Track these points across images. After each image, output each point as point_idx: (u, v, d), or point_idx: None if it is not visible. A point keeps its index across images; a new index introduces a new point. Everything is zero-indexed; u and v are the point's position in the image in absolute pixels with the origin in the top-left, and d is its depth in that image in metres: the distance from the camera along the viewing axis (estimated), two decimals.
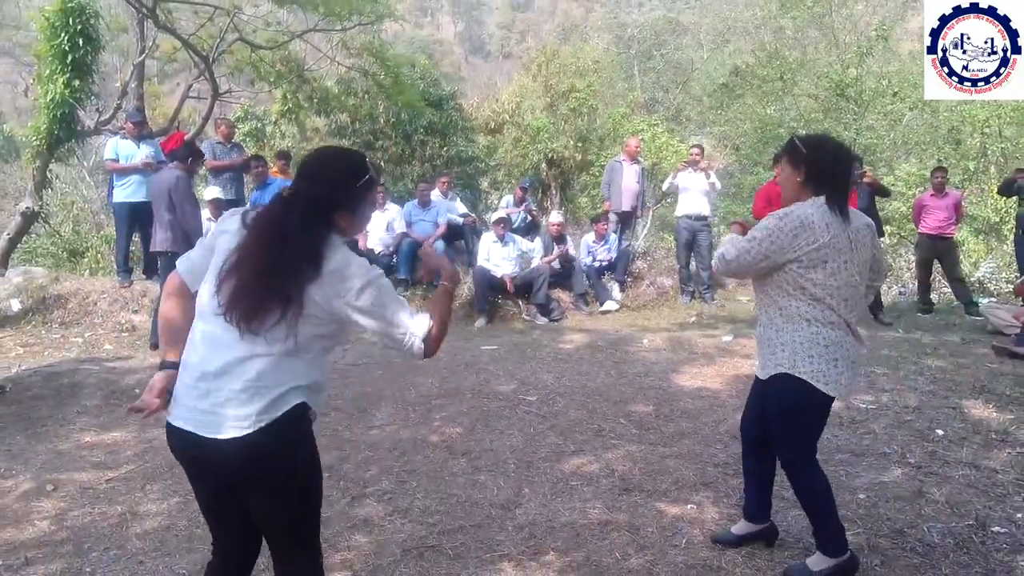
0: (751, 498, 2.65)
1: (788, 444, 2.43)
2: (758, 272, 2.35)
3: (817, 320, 2.28)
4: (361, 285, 1.60)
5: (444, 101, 13.94)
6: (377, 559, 2.63)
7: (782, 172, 2.40)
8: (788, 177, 2.36)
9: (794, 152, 2.36)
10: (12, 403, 4.30)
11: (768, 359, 2.37)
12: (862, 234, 2.35)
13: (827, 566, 2.34)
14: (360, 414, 4.20)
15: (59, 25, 7.54)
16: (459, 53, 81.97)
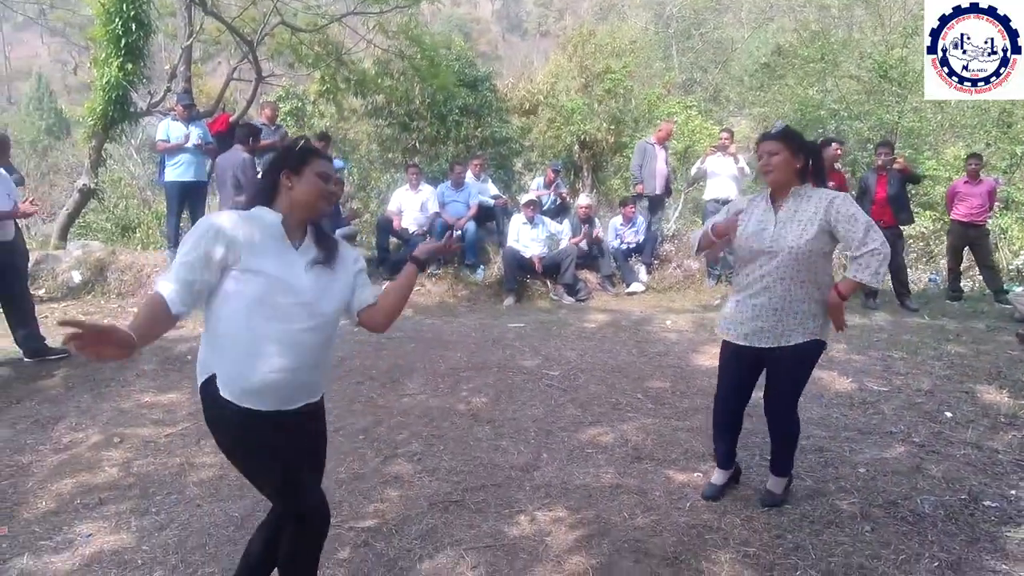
0: (727, 449, 3.01)
1: (795, 398, 2.84)
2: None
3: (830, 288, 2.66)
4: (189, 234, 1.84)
5: (479, 82, 14.08)
6: (406, 511, 2.92)
7: (777, 155, 2.60)
8: (787, 161, 2.60)
9: (796, 141, 2.61)
10: (78, 366, 4.70)
11: (796, 328, 2.66)
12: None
13: (784, 483, 2.95)
14: (393, 384, 4.50)
15: (113, 11, 7.90)
16: (496, 31, 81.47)
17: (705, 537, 2.70)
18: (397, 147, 14.12)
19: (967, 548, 2.59)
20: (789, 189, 2.65)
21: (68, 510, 2.92)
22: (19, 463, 3.34)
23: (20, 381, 4.45)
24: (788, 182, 2.63)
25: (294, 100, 15.03)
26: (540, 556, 2.57)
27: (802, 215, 2.61)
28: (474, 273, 7.46)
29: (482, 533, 2.74)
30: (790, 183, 2.63)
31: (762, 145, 2.67)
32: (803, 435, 3.61)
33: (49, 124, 33.03)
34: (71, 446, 3.55)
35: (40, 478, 3.19)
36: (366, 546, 2.63)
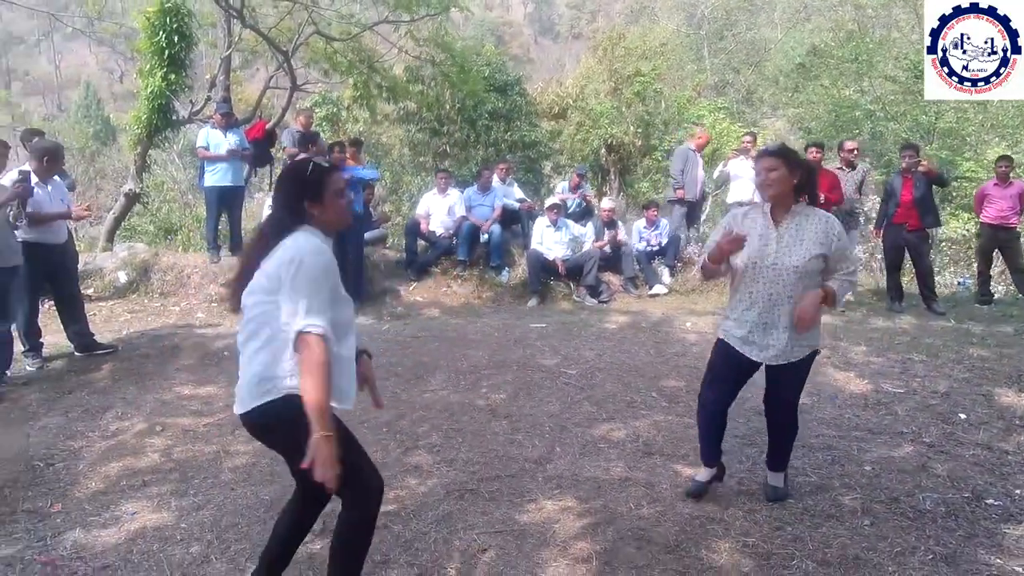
0: (714, 447, 3.07)
1: (797, 403, 2.98)
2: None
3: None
4: (291, 257, 1.89)
5: (509, 87, 14.29)
6: (424, 498, 3.10)
7: (776, 171, 2.67)
8: (784, 177, 2.68)
9: (793, 158, 2.71)
10: (124, 360, 5.01)
11: (803, 342, 2.78)
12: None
13: (784, 477, 3.08)
14: (416, 380, 4.69)
15: (158, 24, 8.29)
16: (528, 34, 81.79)
17: (707, 527, 2.82)
18: (428, 151, 14.41)
19: (964, 543, 2.66)
20: (787, 205, 2.73)
21: (115, 491, 3.17)
22: (71, 448, 3.61)
23: (72, 374, 4.77)
24: (786, 198, 2.71)
25: (329, 106, 15.44)
26: (547, 541, 2.72)
27: (804, 234, 2.68)
28: (499, 275, 7.64)
29: (494, 519, 2.90)
30: (788, 199, 2.71)
31: (760, 161, 2.75)
32: (813, 433, 3.72)
33: (96, 130, 34.24)
34: (117, 433, 3.81)
35: (90, 461, 3.46)
36: (385, 528, 2.81)
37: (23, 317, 4.82)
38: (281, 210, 2.03)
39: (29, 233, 4.69)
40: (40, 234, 4.77)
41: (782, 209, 2.74)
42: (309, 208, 2.00)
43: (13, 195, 4.40)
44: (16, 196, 4.42)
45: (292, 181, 2.06)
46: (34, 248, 4.73)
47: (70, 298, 5.15)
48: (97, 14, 18.43)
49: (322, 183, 2.02)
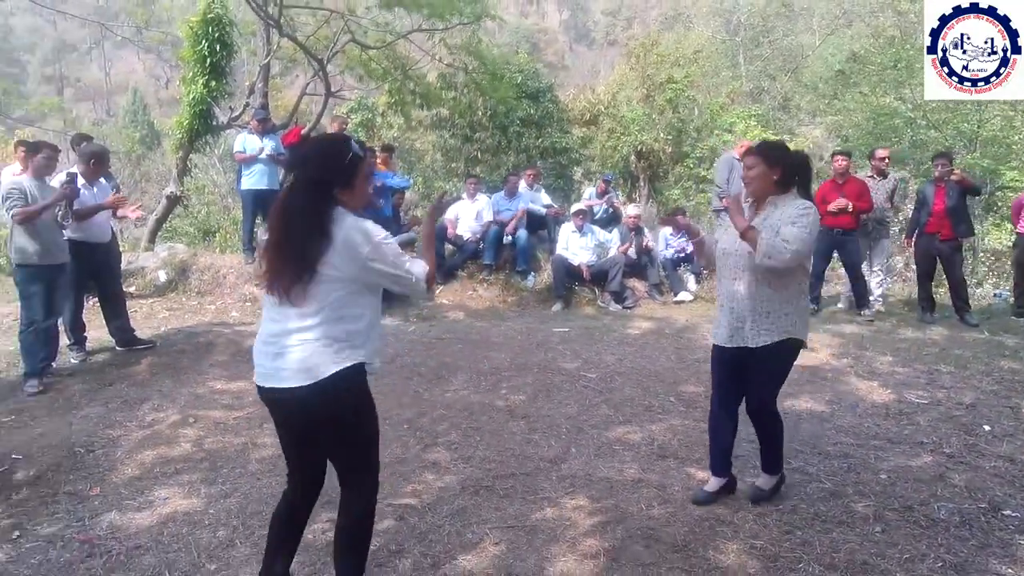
0: (719, 454, 3.09)
1: (771, 395, 2.97)
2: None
3: (804, 292, 2.90)
4: (371, 246, 1.99)
5: (541, 94, 14.42)
6: (440, 493, 3.20)
7: (755, 168, 2.81)
8: (763, 174, 2.82)
9: (773, 155, 2.82)
10: (162, 355, 5.23)
11: (771, 327, 2.82)
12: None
13: (774, 481, 3.08)
14: (439, 380, 4.80)
15: (201, 33, 8.62)
16: (563, 41, 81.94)
17: (716, 529, 2.86)
18: (460, 157, 14.60)
19: (976, 552, 2.65)
20: (767, 199, 2.85)
21: (149, 477, 3.34)
22: (110, 436, 3.81)
23: (112, 367, 5.00)
24: (765, 192, 2.85)
25: (364, 112, 15.77)
26: (558, 537, 2.79)
27: (772, 221, 2.78)
28: (525, 279, 7.72)
29: (507, 515, 2.98)
30: (767, 193, 2.84)
31: (745, 159, 2.89)
32: (830, 441, 3.72)
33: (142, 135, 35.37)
34: (153, 424, 4.00)
35: (127, 449, 3.64)
36: (402, 520, 2.92)
37: (69, 313, 5.07)
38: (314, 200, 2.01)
39: (76, 232, 4.94)
40: (86, 233, 5.02)
41: (762, 202, 2.88)
42: (339, 195, 2.05)
43: (61, 196, 4.64)
44: (63, 197, 4.66)
45: (326, 168, 2.04)
46: (80, 246, 4.98)
47: (113, 295, 5.40)
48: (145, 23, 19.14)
49: (356, 172, 2.07)
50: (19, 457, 3.51)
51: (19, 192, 4.52)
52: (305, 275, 1.96)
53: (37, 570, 2.56)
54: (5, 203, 4.54)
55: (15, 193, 4.51)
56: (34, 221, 4.52)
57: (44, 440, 3.72)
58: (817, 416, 4.15)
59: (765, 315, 2.81)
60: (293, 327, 2.01)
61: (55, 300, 4.76)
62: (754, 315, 2.83)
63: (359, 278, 2.02)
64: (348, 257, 1.97)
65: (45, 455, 3.54)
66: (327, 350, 2.00)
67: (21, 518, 2.94)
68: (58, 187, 4.71)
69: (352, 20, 10.28)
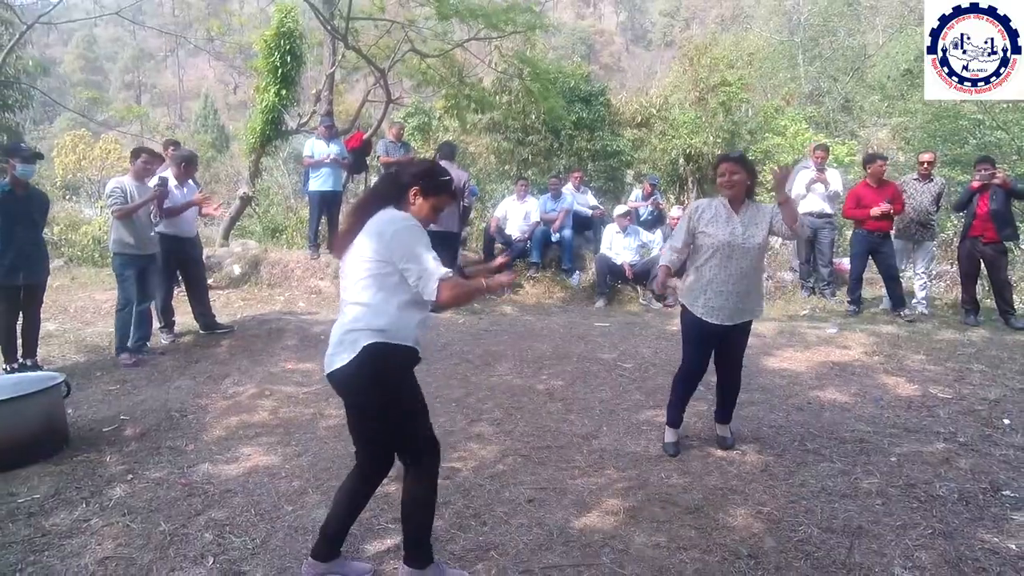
0: (682, 411, 3.74)
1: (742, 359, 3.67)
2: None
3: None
4: (397, 228, 2.19)
5: (593, 97, 14.73)
6: (483, 459, 3.61)
7: (738, 174, 3.33)
8: (742, 180, 3.35)
9: (749, 164, 3.43)
10: (239, 339, 5.84)
11: (751, 307, 3.48)
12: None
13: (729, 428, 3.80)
14: (485, 366, 5.23)
15: (273, 46, 9.34)
16: (620, 43, 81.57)
17: (728, 496, 3.18)
18: (512, 160, 15.03)
19: (967, 524, 2.88)
20: (742, 199, 3.40)
21: (233, 438, 3.88)
22: (199, 404, 4.38)
23: (198, 347, 5.63)
24: (742, 195, 3.40)
25: (421, 116, 16.39)
26: (583, 498, 3.16)
27: (759, 219, 3.39)
28: (570, 277, 8.09)
29: (540, 479, 3.37)
30: (743, 196, 3.40)
31: (724, 165, 3.38)
32: (847, 428, 3.98)
33: (213, 139, 37.24)
34: (234, 396, 4.56)
35: (214, 415, 4.20)
36: (448, 479, 3.34)
37: (160, 299, 5.73)
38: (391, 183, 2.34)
39: (168, 227, 5.59)
40: (176, 228, 5.67)
41: (738, 203, 3.40)
42: (412, 196, 2.31)
43: (152, 196, 5.28)
44: (155, 197, 5.29)
45: (420, 174, 2.33)
46: (170, 240, 5.64)
47: (197, 284, 6.05)
48: (218, 32, 20.33)
49: (438, 192, 2.34)
50: (126, 418, 4.12)
51: (120, 192, 5.18)
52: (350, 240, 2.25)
53: (150, 504, 3.10)
54: (108, 200, 5.22)
55: (117, 192, 5.17)
56: (131, 217, 5.17)
57: (145, 405, 4.33)
58: (839, 406, 4.38)
59: (757, 295, 3.48)
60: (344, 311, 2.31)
61: (148, 286, 5.41)
62: (752, 296, 3.45)
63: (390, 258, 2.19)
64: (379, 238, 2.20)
65: (147, 417, 4.13)
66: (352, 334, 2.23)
67: (133, 465, 3.50)
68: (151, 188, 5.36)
69: (411, 30, 10.86)
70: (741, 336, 3.55)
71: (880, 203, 6.74)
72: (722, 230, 3.37)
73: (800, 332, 6.32)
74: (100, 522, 2.94)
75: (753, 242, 3.36)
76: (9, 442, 3.38)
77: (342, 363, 2.23)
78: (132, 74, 68.99)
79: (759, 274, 3.46)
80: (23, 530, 2.87)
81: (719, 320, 3.43)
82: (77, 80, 62.63)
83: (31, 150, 4.90)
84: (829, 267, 7.82)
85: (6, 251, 4.69)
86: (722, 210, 3.41)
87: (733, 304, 3.40)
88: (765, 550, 2.70)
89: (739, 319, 3.46)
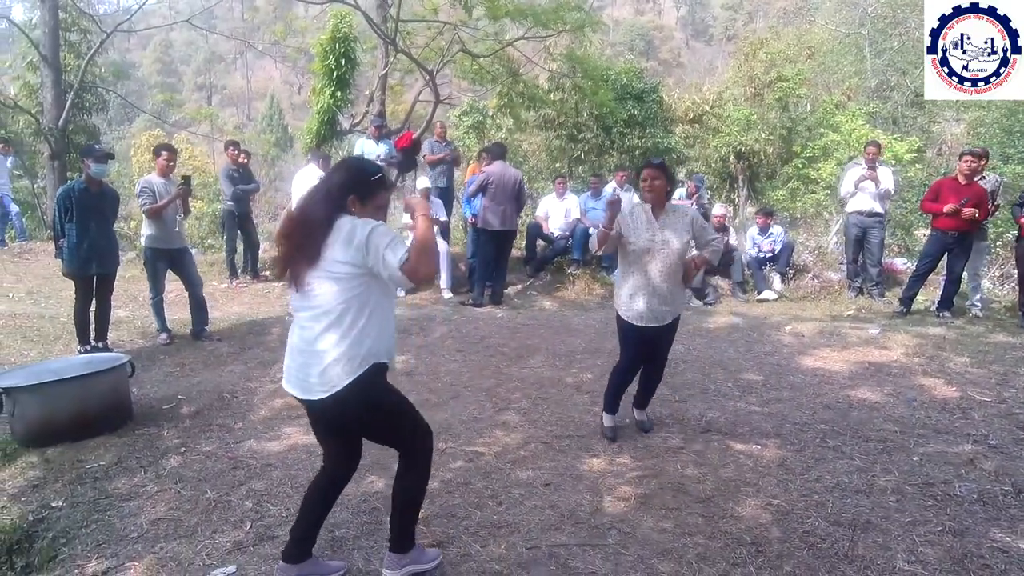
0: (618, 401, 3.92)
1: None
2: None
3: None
4: (367, 232, 2.10)
5: (645, 94, 14.67)
6: (506, 445, 3.78)
7: (659, 180, 3.52)
8: (662, 186, 3.55)
9: (668, 172, 3.59)
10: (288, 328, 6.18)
11: (674, 307, 3.67)
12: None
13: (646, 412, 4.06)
14: (519, 358, 5.40)
15: (329, 50, 9.75)
16: (680, 38, 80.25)
17: (741, 488, 3.25)
18: (564, 157, 15.13)
19: (981, 523, 2.88)
20: (663, 204, 3.58)
21: (278, 418, 4.17)
22: (249, 387, 4.71)
23: (251, 335, 6.00)
24: (662, 200, 3.58)
25: (476, 115, 16.67)
26: (597, 484, 3.30)
27: (677, 224, 3.55)
28: (610, 274, 8.17)
29: (559, 465, 3.52)
30: (664, 201, 3.59)
31: (645, 171, 3.56)
32: (873, 427, 3.98)
33: (277, 138, 38.68)
34: (281, 381, 4.87)
35: (261, 397, 4.52)
36: (471, 462, 3.53)
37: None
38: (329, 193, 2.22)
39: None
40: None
41: (659, 208, 3.57)
42: (350, 204, 2.21)
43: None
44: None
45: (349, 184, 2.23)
46: None
47: None
48: (282, 36, 21.14)
49: (373, 193, 2.25)
50: (183, 397, 4.48)
51: (149, 190, 5.57)
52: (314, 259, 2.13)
53: (199, 474, 3.40)
54: (139, 199, 5.64)
55: (146, 191, 5.57)
56: (160, 214, 5.55)
57: (201, 387, 4.69)
58: (869, 406, 4.36)
59: (678, 297, 3.66)
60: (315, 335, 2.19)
61: (190, 274, 5.83)
62: (674, 298, 3.62)
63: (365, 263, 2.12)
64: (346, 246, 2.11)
65: (202, 397, 4.48)
66: (344, 360, 2.16)
67: (187, 439, 3.83)
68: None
69: (462, 31, 11.10)
70: (668, 334, 3.75)
71: (955, 201, 6.50)
72: (642, 236, 3.55)
73: (841, 332, 6.24)
74: (155, 488, 3.26)
75: (671, 247, 3.51)
76: (79, 415, 3.76)
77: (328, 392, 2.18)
78: (204, 76, 72.11)
79: (677, 276, 3.59)
80: (89, 492, 3.22)
81: (647, 323, 3.62)
82: (154, 82, 66.03)
83: (103, 151, 5.34)
84: (878, 267, 7.64)
85: (81, 244, 5.14)
86: (642, 216, 3.59)
87: (657, 307, 3.58)
88: (769, 539, 2.78)
89: (666, 320, 3.64)
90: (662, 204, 3.58)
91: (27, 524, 2.96)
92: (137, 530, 2.89)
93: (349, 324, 2.17)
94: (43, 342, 5.67)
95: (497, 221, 7.08)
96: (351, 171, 2.28)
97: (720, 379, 4.90)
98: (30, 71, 14.07)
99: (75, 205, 5.10)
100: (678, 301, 3.69)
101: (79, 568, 2.63)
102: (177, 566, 2.62)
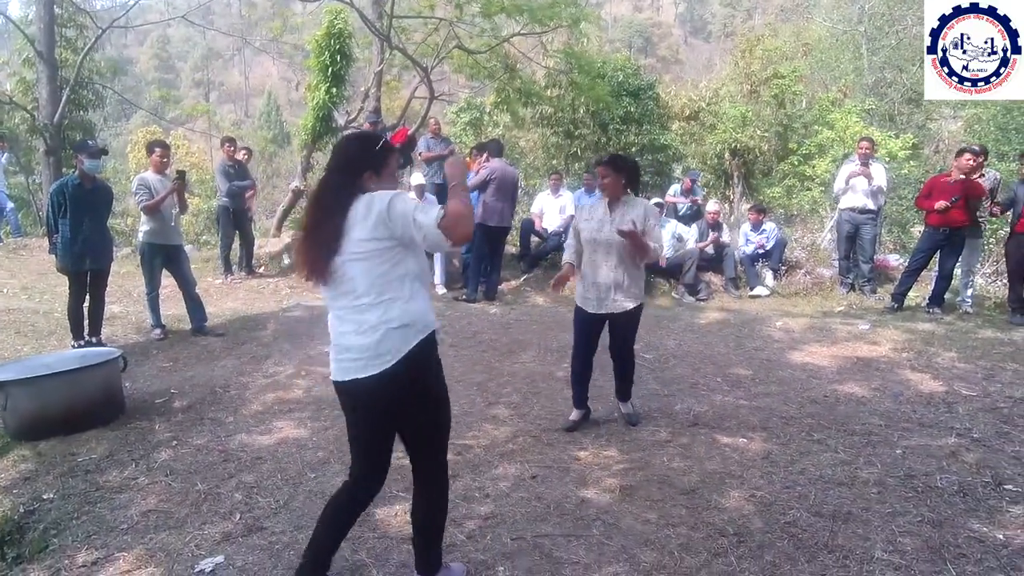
0: (581, 393, 4.01)
1: (632, 344, 3.98)
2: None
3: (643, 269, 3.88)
4: (387, 202, 2.02)
5: (642, 91, 14.69)
6: (495, 439, 3.82)
7: (608, 177, 3.67)
8: (614, 180, 3.68)
9: (618, 164, 3.71)
10: (282, 323, 6.22)
11: (629, 296, 3.76)
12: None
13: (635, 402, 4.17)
14: (510, 353, 5.44)
15: (324, 46, 9.73)
16: (678, 35, 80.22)
17: (726, 480, 3.29)
18: (560, 154, 15.15)
19: (960, 514, 2.92)
20: (618, 198, 3.72)
21: (269, 412, 4.20)
22: (241, 381, 4.74)
23: (245, 331, 6.03)
24: (617, 193, 3.71)
25: (472, 111, 16.68)
26: (584, 475, 3.34)
27: (628, 215, 3.66)
28: None
29: (547, 458, 3.56)
30: (619, 194, 3.72)
31: (599, 168, 3.77)
32: (858, 421, 4.01)
33: (275, 134, 38.62)
34: (273, 375, 4.91)
35: (253, 391, 4.55)
36: (459, 455, 3.56)
37: None
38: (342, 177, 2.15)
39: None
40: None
41: (615, 201, 3.74)
42: (367, 180, 2.15)
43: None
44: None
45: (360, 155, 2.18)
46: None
47: None
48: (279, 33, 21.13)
49: (386, 160, 2.19)
50: (175, 392, 4.51)
51: (145, 187, 5.60)
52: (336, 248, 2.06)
53: (190, 467, 3.44)
54: (135, 197, 5.66)
55: (142, 188, 5.59)
56: (157, 209, 5.57)
57: (193, 381, 4.72)
58: (855, 400, 4.40)
59: (627, 288, 3.74)
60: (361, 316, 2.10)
61: (186, 272, 5.84)
62: (621, 288, 3.73)
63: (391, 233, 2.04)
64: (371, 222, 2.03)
65: (194, 391, 4.51)
66: (399, 329, 2.09)
67: (179, 433, 3.86)
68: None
69: (457, 26, 11.11)
70: (625, 323, 3.84)
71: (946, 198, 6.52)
72: (593, 226, 3.74)
73: (831, 328, 6.28)
74: (146, 480, 3.29)
75: (617, 237, 3.60)
76: (71, 408, 3.79)
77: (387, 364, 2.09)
78: (202, 72, 72.01)
79: (629, 267, 3.71)
80: (80, 484, 3.25)
81: (592, 309, 3.79)
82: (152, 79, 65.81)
83: (97, 147, 5.36)
84: (870, 263, 7.68)
85: (74, 240, 5.16)
86: (599, 208, 3.79)
87: (604, 294, 3.73)
88: (751, 530, 2.82)
89: (614, 308, 3.75)
90: (618, 197, 3.73)
91: (18, 516, 3.00)
92: (127, 521, 2.92)
93: (391, 297, 2.09)
94: (37, 337, 5.70)
95: (495, 217, 7.12)
96: (357, 149, 2.21)
97: (709, 374, 4.94)
98: (26, 67, 14.08)
99: (68, 201, 5.12)
100: (630, 292, 3.77)
101: (69, 558, 2.66)
102: (166, 556, 2.66)
